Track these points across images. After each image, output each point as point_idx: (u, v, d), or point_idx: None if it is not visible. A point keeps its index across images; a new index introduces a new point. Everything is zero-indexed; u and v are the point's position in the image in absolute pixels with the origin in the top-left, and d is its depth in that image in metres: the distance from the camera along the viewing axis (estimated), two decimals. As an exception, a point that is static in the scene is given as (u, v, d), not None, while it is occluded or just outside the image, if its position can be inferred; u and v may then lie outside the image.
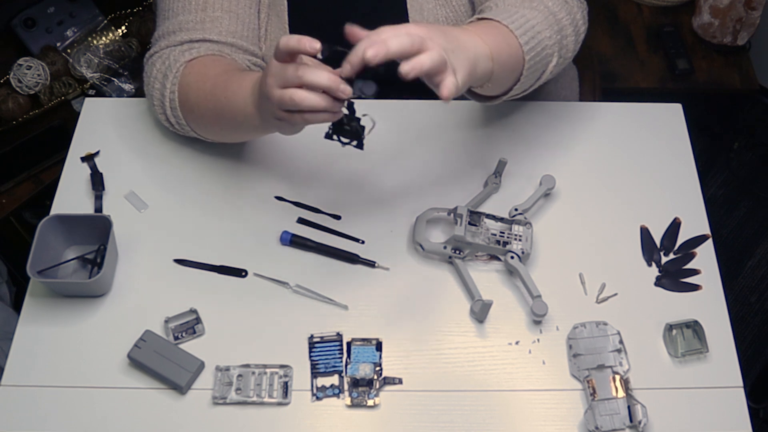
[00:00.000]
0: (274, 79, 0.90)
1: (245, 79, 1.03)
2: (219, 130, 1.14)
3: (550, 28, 1.09)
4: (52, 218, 1.09)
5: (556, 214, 1.18)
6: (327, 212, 1.17)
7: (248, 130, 1.09)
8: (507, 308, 1.09)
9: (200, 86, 1.09)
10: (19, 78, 1.86)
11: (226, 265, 1.12)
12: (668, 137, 1.26)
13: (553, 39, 1.10)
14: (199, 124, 1.14)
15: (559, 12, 1.12)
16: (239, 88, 1.03)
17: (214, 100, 1.07)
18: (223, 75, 1.07)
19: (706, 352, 1.05)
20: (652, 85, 1.99)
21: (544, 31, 1.08)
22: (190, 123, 1.14)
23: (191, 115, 1.13)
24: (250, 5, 1.21)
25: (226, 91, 1.05)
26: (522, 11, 1.08)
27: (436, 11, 1.22)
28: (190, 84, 1.10)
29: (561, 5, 1.13)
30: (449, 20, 1.23)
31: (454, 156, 1.23)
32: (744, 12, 1.97)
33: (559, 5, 1.13)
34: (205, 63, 1.12)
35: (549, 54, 1.10)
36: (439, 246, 1.11)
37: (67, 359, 1.04)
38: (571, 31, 1.14)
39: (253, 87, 1.00)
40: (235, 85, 1.04)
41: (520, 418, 1.01)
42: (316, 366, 1.04)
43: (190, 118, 1.14)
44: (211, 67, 1.11)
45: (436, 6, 1.22)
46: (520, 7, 1.09)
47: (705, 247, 1.15)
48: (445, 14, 1.23)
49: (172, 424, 1.00)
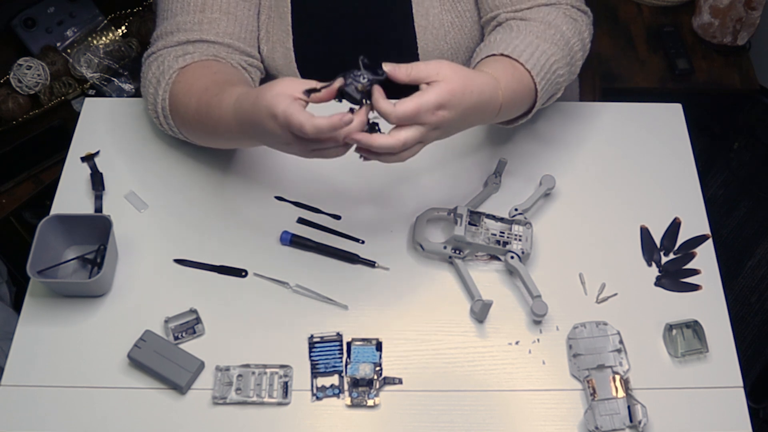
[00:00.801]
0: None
1: (221, 105, 1.02)
2: (210, 142, 1.15)
3: (565, 65, 1.12)
4: (52, 218, 1.09)
5: (556, 214, 1.18)
6: (327, 212, 1.17)
7: (237, 145, 1.14)
8: (507, 308, 1.09)
9: (187, 101, 1.09)
10: (19, 78, 1.86)
11: (226, 265, 1.12)
12: (668, 137, 1.26)
13: (565, 75, 1.13)
14: (190, 135, 1.15)
15: (572, 38, 1.14)
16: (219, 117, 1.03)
17: (201, 122, 1.07)
18: (205, 94, 1.06)
19: (706, 352, 1.05)
20: (652, 85, 1.99)
21: (560, 69, 1.11)
22: (181, 131, 1.15)
23: (183, 126, 1.14)
24: (248, 7, 1.21)
25: (210, 116, 1.05)
26: (543, 46, 1.09)
27: (441, 16, 1.22)
28: (178, 95, 1.11)
29: (574, 28, 1.15)
30: (454, 25, 1.23)
31: (454, 156, 1.23)
32: (744, 12, 1.97)
33: (572, 29, 1.15)
34: (194, 72, 1.11)
35: (557, 89, 1.14)
36: (439, 246, 1.11)
37: (67, 359, 1.04)
38: (580, 55, 1.17)
39: (234, 109, 0.99)
40: (215, 112, 1.03)
41: (520, 418, 1.01)
42: (316, 366, 1.04)
43: (181, 128, 1.14)
44: (197, 79, 1.10)
45: (441, 11, 1.22)
46: (541, 40, 1.10)
47: (705, 247, 1.15)
48: (450, 20, 1.23)
49: (172, 424, 1.00)
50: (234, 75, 1.14)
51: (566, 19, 1.15)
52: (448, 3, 1.22)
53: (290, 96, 0.89)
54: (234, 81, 1.10)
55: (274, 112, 0.89)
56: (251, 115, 0.95)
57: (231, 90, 1.03)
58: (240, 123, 0.99)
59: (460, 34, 1.24)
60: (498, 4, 1.19)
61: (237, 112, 0.99)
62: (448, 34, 1.23)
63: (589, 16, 1.21)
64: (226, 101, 1.01)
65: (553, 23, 1.13)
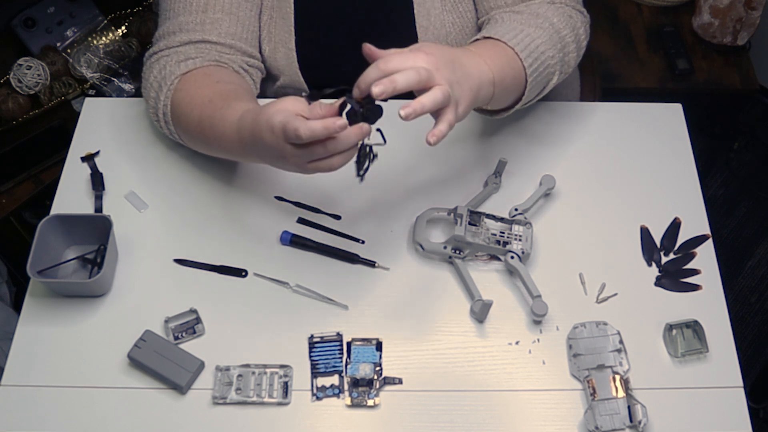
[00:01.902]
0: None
1: (227, 118, 1.02)
2: (208, 152, 1.15)
3: (553, 47, 1.12)
4: (52, 218, 1.09)
5: (556, 214, 1.18)
6: (327, 212, 1.17)
7: (236, 159, 1.13)
8: (507, 308, 1.09)
9: (189, 112, 1.09)
10: (19, 78, 1.86)
11: (226, 265, 1.12)
12: (668, 137, 1.26)
13: (556, 58, 1.12)
14: (189, 143, 1.15)
15: (563, 29, 1.14)
16: (222, 134, 1.03)
17: (203, 135, 1.08)
18: (208, 107, 1.07)
19: (706, 352, 1.05)
20: (652, 85, 1.99)
21: (548, 50, 1.10)
22: (182, 138, 1.15)
23: (183, 133, 1.14)
24: (251, 8, 1.21)
25: (213, 129, 1.05)
26: (528, 30, 1.10)
27: (442, 16, 1.22)
28: (180, 104, 1.11)
29: (566, 21, 1.15)
30: (455, 25, 1.23)
31: (454, 156, 1.23)
32: (744, 12, 1.97)
33: (564, 21, 1.14)
34: (195, 81, 1.11)
35: (551, 72, 1.13)
36: (439, 246, 1.11)
37: (67, 359, 1.04)
38: (574, 48, 1.16)
39: (238, 126, 1.00)
40: (218, 128, 1.04)
41: (520, 418, 1.01)
42: (316, 366, 1.04)
43: (182, 135, 1.15)
44: (199, 88, 1.10)
45: (442, 11, 1.22)
46: (525, 25, 1.11)
47: (705, 247, 1.15)
48: (451, 20, 1.23)
49: (172, 424, 1.00)
50: (237, 84, 1.14)
51: (558, 12, 1.15)
52: (450, 3, 1.22)
53: (291, 112, 0.90)
54: (239, 93, 1.10)
55: (272, 124, 0.90)
56: (251, 130, 0.96)
57: (236, 105, 1.03)
58: (241, 138, 1.00)
59: (461, 35, 1.24)
60: (493, 5, 1.19)
61: (240, 129, 0.99)
62: (450, 34, 1.23)
63: (586, 16, 1.21)
64: (229, 117, 1.02)
65: (542, 14, 1.13)
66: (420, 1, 1.22)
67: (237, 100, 1.06)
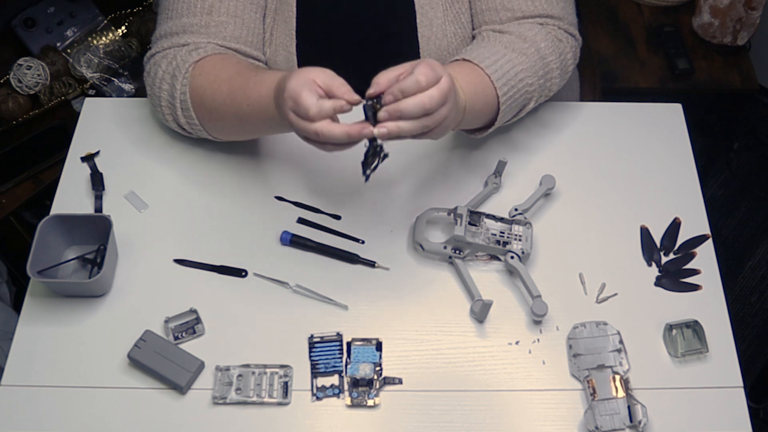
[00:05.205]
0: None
1: (263, 84, 1.03)
2: (240, 132, 1.14)
3: (534, 74, 1.13)
4: (52, 218, 1.09)
5: (556, 214, 1.18)
6: (327, 212, 1.17)
7: (274, 130, 1.12)
8: (507, 308, 1.09)
9: (215, 89, 1.08)
10: (19, 78, 1.86)
11: (226, 265, 1.12)
12: (668, 137, 1.26)
13: (535, 85, 1.14)
14: (217, 126, 1.13)
15: (549, 55, 1.15)
16: (258, 95, 1.03)
17: (235, 106, 1.06)
18: (237, 78, 1.07)
19: (706, 352, 1.05)
20: (652, 85, 1.99)
21: (528, 78, 1.12)
22: (204, 125, 1.13)
23: (208, 117, 1.12)
24: (255, 10, 1.20)
25: (247, 97, 1.05)
26: (510, 55, 1.11)
27: (444, 27, 1.22)
28: (203, 86, 1.09)
29: (553, 47, 1.15)
30: (457, 36, 1.23)
31: (454, 156, 1.23)
32: (744, 12, 1.97)
33: (552, 47, 1.15)
34: (215, 63, 1.11)
35: (528, 98, 1.14)
36: (439, 246, 1.11)
37: (67, 359, 1.04)
38: (557, 74, 1.17)
39: (276, 91, 0.99)
40: (254, 91, 1.04)
41: (520, 418, 1.01)
42: (316, 366, 1.04)
43: (206, 120, 1.13)
44: (222, 68, 1.10)
45: (444, 21, 1.22)
46: (509, 50, 1.12)
47: (705, 247, 1.15)
48: (453, 30, 1.22)
49: (172, 424, 1.00)
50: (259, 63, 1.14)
51: (547, 37, 1.15)
52: (452, 14, 1.22)
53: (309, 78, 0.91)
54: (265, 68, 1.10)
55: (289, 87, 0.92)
56: (277, 91, 0.97)
57: (269, 76, 1.03)
58: (271, 102, 1.00)
59: (462, 45, 1.23)
60: (487, 20, 1.19)
61: (278, 86, 0.99)
62: (451, 44, 1.23)
63: (577, 39, 1.21)
64: (267, 80, 1.02)
65: (530, 38, 1.14)
66: (423, 11, 1.22)
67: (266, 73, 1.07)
